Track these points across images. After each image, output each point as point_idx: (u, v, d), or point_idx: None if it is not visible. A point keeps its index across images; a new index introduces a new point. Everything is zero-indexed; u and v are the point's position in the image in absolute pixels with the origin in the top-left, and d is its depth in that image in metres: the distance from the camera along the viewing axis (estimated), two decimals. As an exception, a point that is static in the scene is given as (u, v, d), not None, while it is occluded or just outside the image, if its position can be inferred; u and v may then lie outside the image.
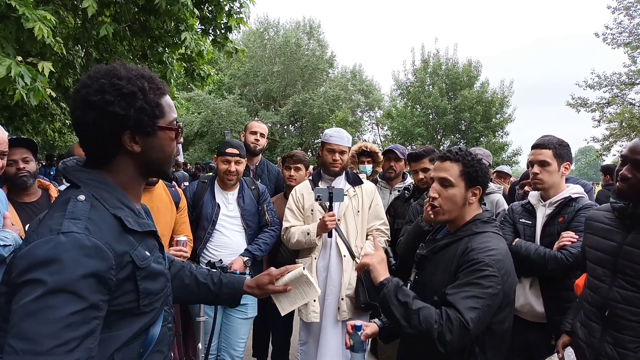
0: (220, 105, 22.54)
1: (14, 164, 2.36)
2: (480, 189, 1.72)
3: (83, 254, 0.90)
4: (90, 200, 1.00)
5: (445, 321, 1.47)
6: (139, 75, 1.07)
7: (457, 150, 1.74)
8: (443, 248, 1.73)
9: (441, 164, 1.74)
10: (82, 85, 1.05)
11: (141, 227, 1.07)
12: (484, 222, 1.71)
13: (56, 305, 0.85)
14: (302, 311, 2.88)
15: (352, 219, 2.87)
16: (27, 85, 3.16)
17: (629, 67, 15.17)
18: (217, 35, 5.37)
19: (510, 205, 2.66)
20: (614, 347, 1.67)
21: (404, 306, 1.54)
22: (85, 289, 0.88)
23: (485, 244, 1.60)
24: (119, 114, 1.02)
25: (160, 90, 1.11)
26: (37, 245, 0.89)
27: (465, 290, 1.51)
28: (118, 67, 1.07)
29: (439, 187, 1.72)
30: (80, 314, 0.87)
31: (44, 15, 3.26)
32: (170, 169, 1.21)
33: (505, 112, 20.88)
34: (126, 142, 1.06)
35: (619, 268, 1.70)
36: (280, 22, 26.08)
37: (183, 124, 1.21)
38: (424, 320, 1.49)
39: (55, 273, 0.86)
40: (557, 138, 2.36)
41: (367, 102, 25.17)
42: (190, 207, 2.98)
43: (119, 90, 1.02)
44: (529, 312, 2.32)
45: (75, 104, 1.05)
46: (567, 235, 2.18)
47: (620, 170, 1.71)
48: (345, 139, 2.93)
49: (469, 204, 1.71)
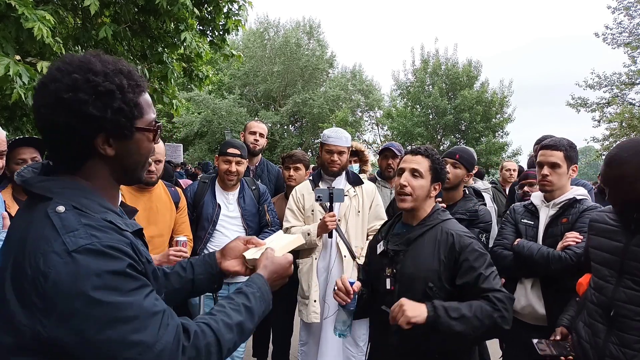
0: (220, 105, 22.53)
1: (23, 163, 2.36)
2: (440, 184, 1.94)
3: (107, 259, 0.85)
4: (71, 210, 0.89)
5: (500, 304, 1.64)
6: (117, 70, 0.95)
7: (426, 147, 1.96)
8: (418, 238, 1.86)
9: (413, 157, 1.93)
10: (50, 79, 0.91)
11: (130, 227, 1.00)
12: (443, 211, 1.94)
13: (126, 306, 0.85)
14: (302, 311, 2.88)
15: (352, 219, 2.87)
16: (26, 85, 3.16)
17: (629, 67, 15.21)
18: (215, 37, 5.38)
19: (512, 205, 2.65)
20: (619, 348, 1.66)
21: (461, 318, 1.61)
22: (132, 281, 0.88)
23: (461, 229, 1.85)
24: (94, 116, 0.90)
25: (139, 87, 0.99)
26: (59, 275, 0.81)
27: (487, 274, 1.71)
28: (93, 59, 0.94)
29: (409, 176, 1.89)
30: (149, 297, 0.89)
31: (44, 15, 3.26)
32: (144, 174, 1.11)
33: (505, 112, 20.89)
34: (99, 145, 0.95)
35: (625, 268, 1.69)
36: (280, 22, 26.11)
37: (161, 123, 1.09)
38: (482, 315, 1.62)
39: (99, 288, 0.82)
40: (566, 140, 2.35)
41: (367, 102, 25.15)
42: (190, 207, 2.98)
43: (94, 88, 0.90)
44: (530, 314, 2.30)
45: (41, 100, 0.91)
46: (572, 236, 2.17)
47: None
48: (344, 139, 2.92)
49: (429, 197, 1.91)
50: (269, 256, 1.28)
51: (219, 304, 1.08)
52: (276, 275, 1.27)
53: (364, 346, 2.85)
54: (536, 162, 2.42)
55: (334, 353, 2.76)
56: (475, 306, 1.63)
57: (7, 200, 2.29)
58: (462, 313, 1.61)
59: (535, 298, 2.29)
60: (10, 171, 2.36)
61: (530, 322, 2.30)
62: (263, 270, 1.23)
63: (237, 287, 1.14)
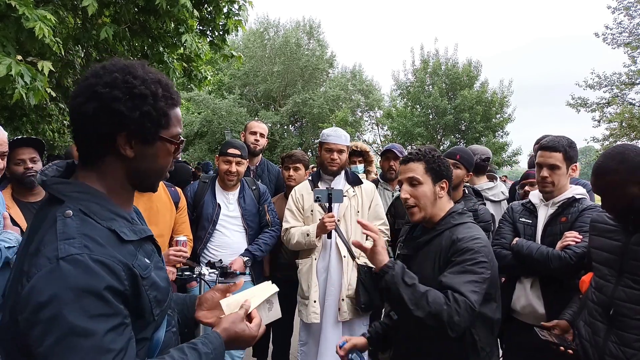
0: (220, 105, 22.52)
1: (22, 163, 2.35)
2: (447, 181, 1.82)
3: (90, 274, 0.85)
4: (78, 215, 0.92)
5: (452, 303, 1.52)
6: (155, 79, 1.01)
7: (417, 150, 1.85)
8: (426, 244, 1.78)
9: (405, 166, 1.83)
10: (92, 74, 0.98)
11: (137, 234, 1.01)
12: (459, 214, 1.80)
13: (85, 333, 0.82)
14: (302, 312, 2.88)
15: (352, 220, 2.86)
16: (27, 85, 3.16)
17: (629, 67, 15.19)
18: (215, 37, 5.38)
19: (510, 204, 2.65)
20: (618, 346, 1.67)
21: (412, 288, 1.56)
22: (105, 306, 0.85)
23: (470, 233, 1.69)
24: (122, 113, 0.95)
25: (172, 100, 1.04)
26: (39, 279, 0.84)
27: (463, 276, 1.58)
28: (137, 65, 1.01)
29: (409, 187, 1.80)
30: (113, 330, 0.85)
31: (44, 15, 3.25)
32: (158, 184, 1.14)
33: (505, 112, 20.88)
34: (120, 144, 0.98)
35: (625, 267, 1.70)
36: (280, 22, 26.09)
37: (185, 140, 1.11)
38: (433, 301, 1.52)
39: (68, 303, 0.82)
40: (566, 139, 2.32)
41: (367, 102, 25.13)
42: (190, 207, 2.98)
43: (129, 88, 0.96)
44: (530, 314, 2.30)
45: (79, 90, 0.98)
46: (571, 235, 2.16)
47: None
48: (343, 138, 2.92)
49: (439, 198, 1.80)
50: (235, 321, 1.17)
51: (170, 355, 1.00)
52: (235, 344, 1.17)
53: None
54: (535, 162, 2.42)
55: (334, 353, 2.75)
56: (433, 292, 1.55)
57: (6, 200, 2.28)
58: (416, 285, 1.56)
59: (534, 297, 2.29)
60: (9, 171, 2.34)
61: (529, 322, 2.30)
62: (224, 332, 1.13)
63: (192, 341, 1.07)
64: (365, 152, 4.03)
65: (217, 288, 1.35)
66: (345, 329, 2.82)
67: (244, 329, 1.16)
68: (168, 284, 1.11)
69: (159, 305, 1.02)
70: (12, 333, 0.88)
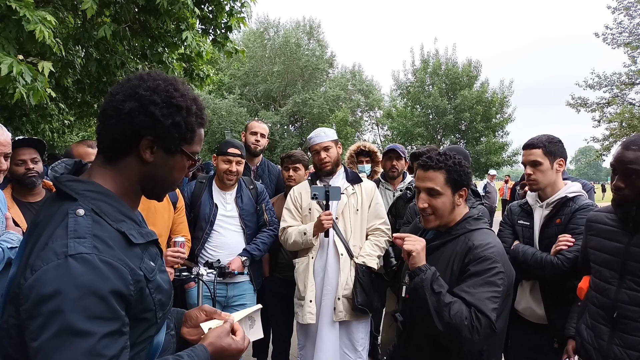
0: (220, 105, 22.51)
1: (23, 164, 2.34)
2: (466, 189, 1.76)
3: (97, 275, 0.85)
4: (90, 214, 0.93)
5: (475, 321, 1.49)
6: (193, 98, 1.08)
7: (437, 157, 1.73)
8: (439, 247, 1.75)
9: (425, 173, 1.73)
10: (137, 77, 1.04)
11: (144, 237, 1.02)
12: (475, 219, 1.76)
13: (81, 333, 0.81)
14: (298, 313, 2.85)
15: (350, 218, 2.85)
16: (28, 84, 3.16)
17: (629, 67, 15.16)
18: (218, 35, 5.36)
19: (509, 205, 2.64)
20: (623, 349, 1.65)
21: (437, 296, 1.55)
22: (107, 309, 0.85)
23: (486, 240, 1.65)
24: (155, 117, 1.00)
25: (202, 120, 1.10)
26: (45, 272, 0.83)
27: (482, 290, 1.54)
28: (179, 81, 1.08)
29: (427, 197, 1.73)
30: (108, 336, 0.85)
31: (44, 17, 3.25)
32: (165, 195, 1.17)
33: (505, 112, 20.90)
34: (143, 147, 1.02)
35: (627, 269, 1.68)
36: (280, 22, 26.05)
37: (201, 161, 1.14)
38: (455, 315, 1.50)
39: (71, 300, 0.81)
40: (546, 135, 2.33)
41: (367, 102, 25.13)
42: (188, 208, 2.97)
43: (168, 97, 1.02)
44: (531, 315, 2.31)
45: (120, 89, 1.02)
46: (564, 239, 2.15)
47: (613, 180, 1.72)
48: (323, 135, 2.91)
49: (457, 206, 1.75)
50: (221, 335, 1.14)
51: None
52: (221, 359, 1.14)
53: (362, 351, 2.81)
54: (521, 162, 2.43)
55: (331, 354, 2.72)
56: (457, 305, 1.52)
57: (6, 200, 2.28)
58: (442, 294, 1.55)
59: (534, 301, 2.28)
60: (10, 172, 2.34)
61: (531, 320, 2.30)
62: (210, 347, 1.11)
63: (179, 354, 1.05)
64: (373, 152, 4.03)
65: (203, 308, 1.33)
66: (343, 330, 2.79)
67: (229, 343, 1.14)
68: (170, 286, 1.11)
69: (162, 308, 1.03)
70: (8, 334, 0.88)
